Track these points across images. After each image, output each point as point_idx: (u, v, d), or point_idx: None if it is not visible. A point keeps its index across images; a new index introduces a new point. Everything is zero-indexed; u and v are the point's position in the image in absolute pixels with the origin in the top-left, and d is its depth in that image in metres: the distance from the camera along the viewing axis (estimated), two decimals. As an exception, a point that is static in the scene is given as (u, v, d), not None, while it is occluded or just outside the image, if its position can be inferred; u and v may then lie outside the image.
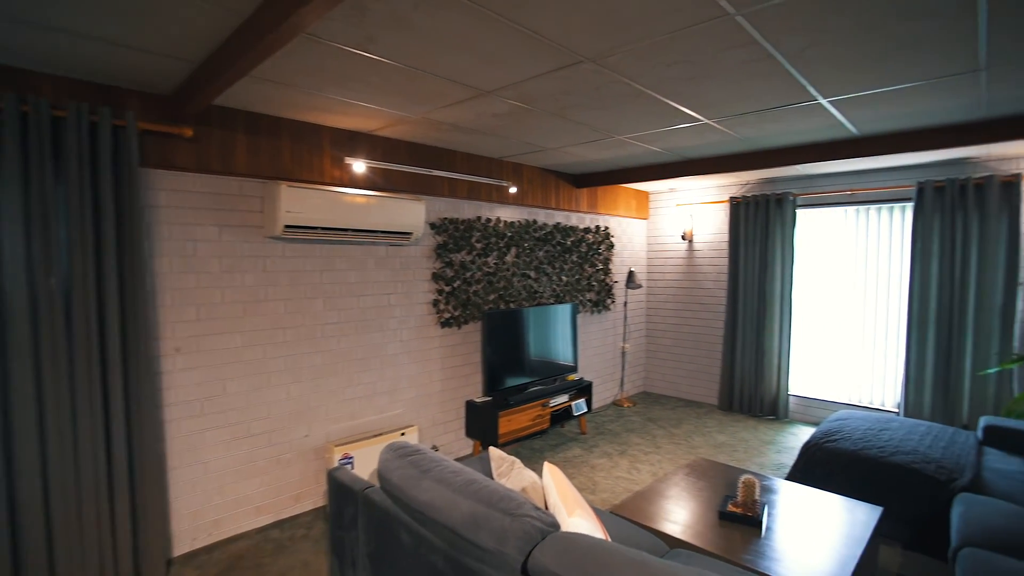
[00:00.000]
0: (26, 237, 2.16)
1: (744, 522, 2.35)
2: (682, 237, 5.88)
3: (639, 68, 2.22)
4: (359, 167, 3.31)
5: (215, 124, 2.74)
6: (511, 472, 1.98)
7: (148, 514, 2.51)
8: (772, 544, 2.18)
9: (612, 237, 5.66)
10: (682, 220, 5.93)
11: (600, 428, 4.94)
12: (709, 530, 2.29)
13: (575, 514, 1.62)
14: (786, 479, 3.26)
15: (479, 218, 4.23)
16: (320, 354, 3.32)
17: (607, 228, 5.58)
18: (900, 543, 2.84)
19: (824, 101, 2.67)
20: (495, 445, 3.89)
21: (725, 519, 2.38)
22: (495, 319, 4.07)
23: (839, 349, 4.99)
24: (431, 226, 3.90)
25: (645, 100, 2.65)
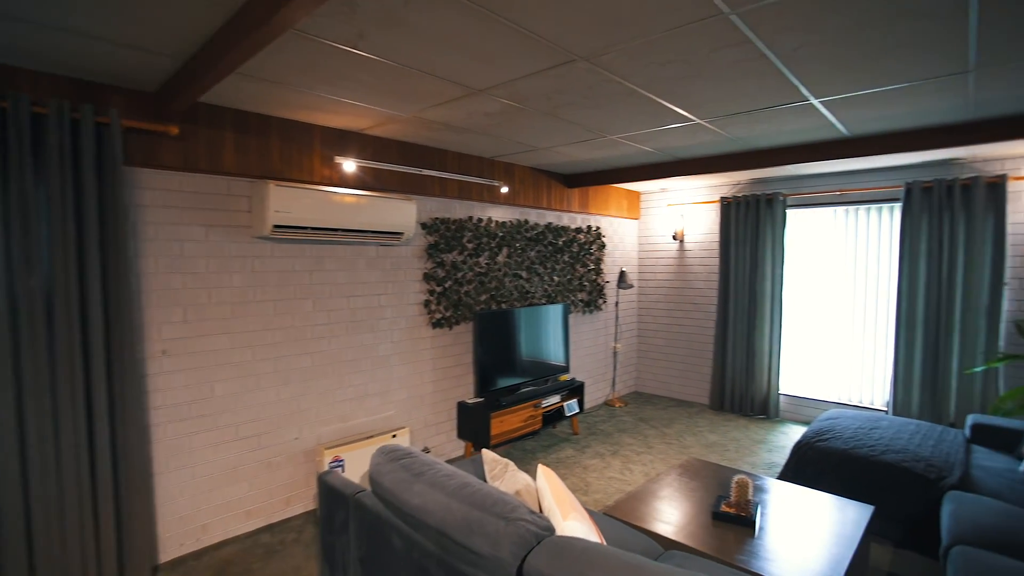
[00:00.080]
0: (5, 237, 2.10)
1: (737, 522, 2.34)
2: (673, 237, 5.90)
3: (632, 67, 2.20)
4: (349, 166, 3.27)
5: (202, 122, 2.69)
6: (504, 475, 1.96)
7: (133, 520, 2.46)
8: (766, 544, 2.18)
9: (603, 237, 5.66)
10: (673, 220, 5.94)
11: (592, 428, 4.93)
12: (703, 531, 2.28)
13: (570, 517, 1.60)
14: (778, 478, 3.27)
15: (470, 218, 4.20)
16: (310, 355, 3.28)
17: (598, 228, 5.57)
18: (891, 541, 2.85)
19: (815, 101, 2.68)
20: (487, 446, 3.86)
21: (718, 519, 2.38)
22: (486, 319, 4.04)
23: (829, 348, 5.03)
24: (422, 226, 3.86)
25: (638, 99, 2.65)
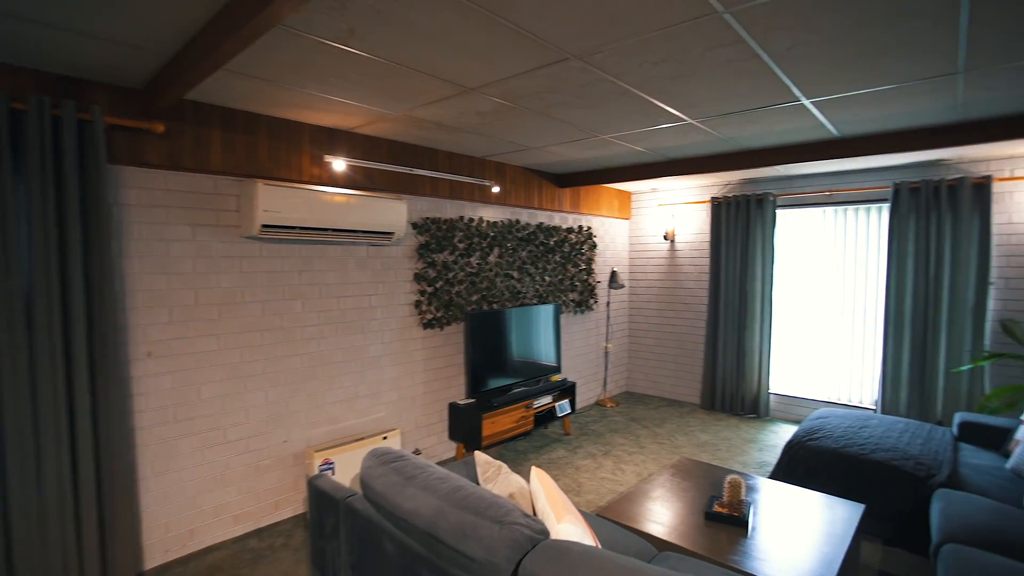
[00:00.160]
0: (-16, 237, 2.05)
1: (730, 522, 2.34)
2: (664, 237, 5.91)
3: (625, 66, 2.19)
4: (339, 165, 3.24)
5: (188, 120, 2.64)
6: (498, 477, 1.94)
7: (117, 527, 2.40)
8: (759, 544, 2.18)
9: (595, 237, 5.66)
10: (664, 220, 5.95)
11: (584, 429, 4.93)
12: (696, 531, 2.28)
13: (564, 520, 1.59)
14: (769, 477, 3.29)
15: (462, 218, 4.18)
16: (299, 357, 3.24)
17: (590, 228, 5.57)
18: (881, 539, 2.87)
19: (807, 102, 2.69)
20: (479, 448, 3.84)
21: (711, 519, 2.38)
22: (478, 320, 4.02)
23: (818, 348, 5.06)
24: (413, 226, 3.83)
25: (630, 99, 2.64)
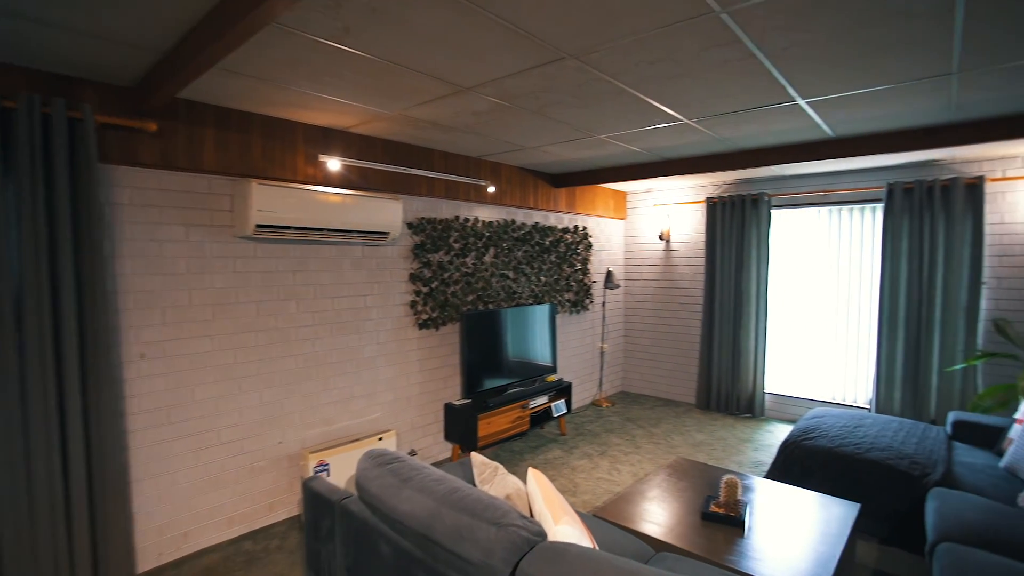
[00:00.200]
0: (-27, 237, 2.02)
1: (727, 522, 2.34)
2: (659, 237, 5.92)
3: (622, 65, 2.19)
4: (334, 165, 3.22)
5: (181, 118, 2.62)
6: (494, 478, 1.93)
7: (109, 529, 2.37)
8: (755, 544, 2.18)
9: (590, 237, 5.66)
10: (659, 220, 5.96)
11: (580, 429, 4.92)
12: (693, 531, 2.27)
13: (562, 521, 1.58)
14: (765, 477, 3.29)
15: (457, 218, 4.16)
16: (294, 358, 3.21)
17: (585, 228, 5.57)
18: (877, 538, 2.88)
19: (802, 102, 2.69)
20: (475, 448, 3.83)
21: (708, 519, 2.38)
22: (473, 320, 4.01)
23: (813, 347, 5.08)
24: (408, 226, 3.82)
25: (626, 99, 2.63)
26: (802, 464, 3.12)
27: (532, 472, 1.88)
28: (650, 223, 6.05)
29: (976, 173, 4.11)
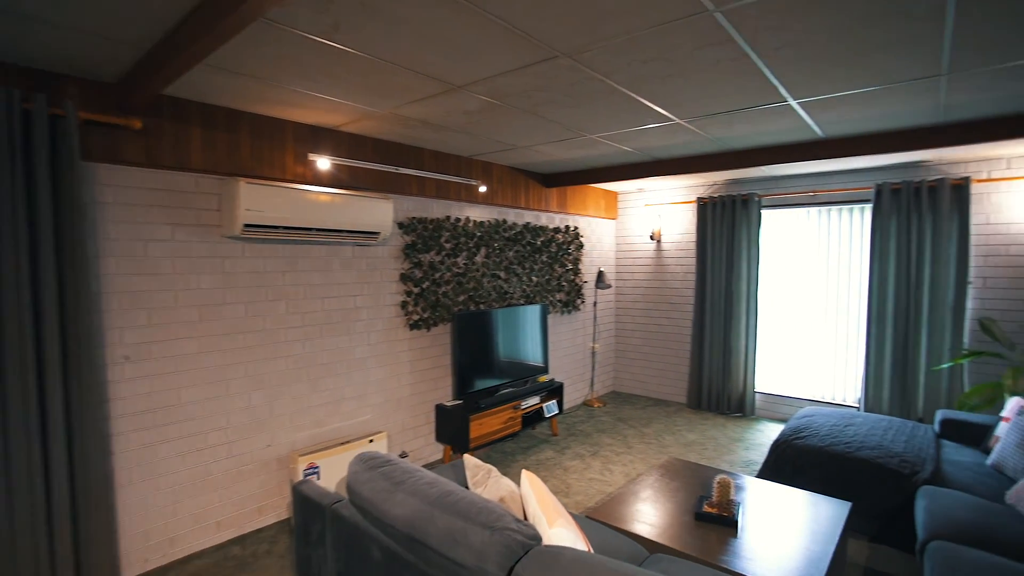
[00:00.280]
0: (-50, 236, 1.96)
1: (720, 522, 2.34)
2: (651, 237, 5.93)
3: (615, 64, 2.18)
4: (324, 164, 3.18)
5: (167, 116, 2.57)
6: (487, 481, 1.91)
7: (92, 536, 2.32)
8: (749, 544, 2.18)
9: (581, 237, 5.65)
10: (650, 220, 5.97)
11: (571, 429, 4.91)
12: (686, 532, 2.27)
13: (556, 524, 1.56)
14: (757, 476, 3.31)
15: (448, 218, 4.14)
16: (283, 359, 3.17)
17: (576, 228, 5.56)
18: (867, 536, 2.90)
19: (794, 102, 2.70)
20: (466, 450, 3.80)
21: (701, 520, 2.37)
22: (465, 321, 3.98)
23: (803, 346, 5.12)
24: (399, 226, 3.78)
25: (619, 98, 2.62)
26: (793, 463, 3.13)
27: (526, 474, 1.87)
28: (641, 223, 6.06)
29: (962, 174, 4.16)
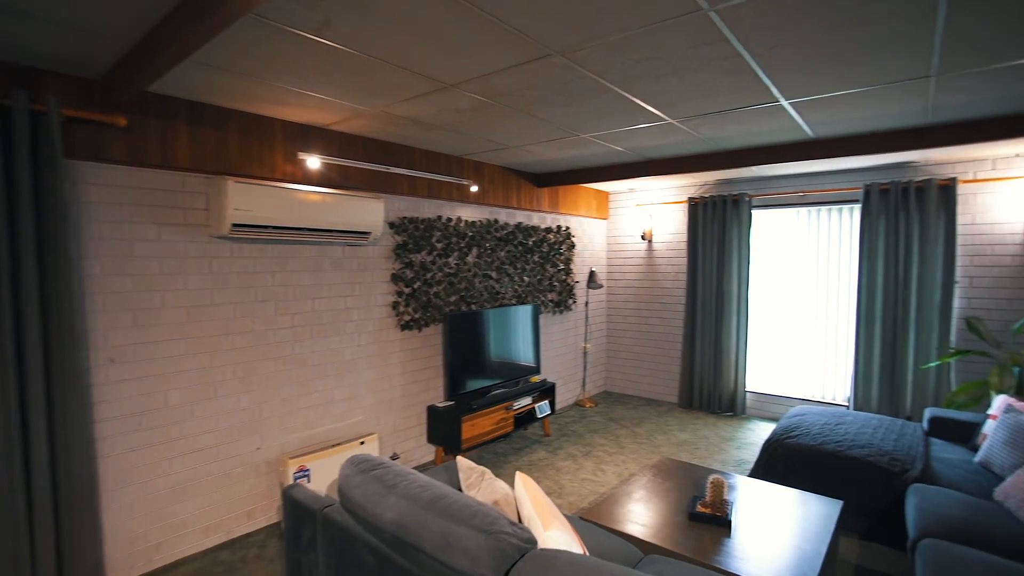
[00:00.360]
0: (-74, 236, 1.90)
1: (714, 522, 2.34)
2: (642, 237, 5.94)
3: (608, 63, 2.17)
4: (313, 163, 3.14)
5: (153, 113, 2.52)
6: (481, 483, 1.89)
7: (76, 543, 2.26)
8: (743, 544, 2.17)
9: (573, 237, 5.65)
10: (642, 220, 5.98)
11: (563, 430, 4.91)
12: (680, 533, 2.26)
13: (552, 527, 1.55)
14: (749, 475, 3.31)
15: (440, 217, 4.11)
16: (272, 361, 3.12)
17: (568, 228, 5.56)
18: (857, 534, 2.92)
19: (785, 103, 2.71)
20: (458, 451, 3.78)
21: (695, 520, 2.37)
22: (456, 321, 3.96)
23: (793, 346, 5.15)
24: (390, 225, 3.75)
25: (611, 97, 2.62)
26: (785, 462, 3.15)
27: (520, 476, 1.85)
28: (632, 223, 6.07)
29: (949, 175, 4.21)
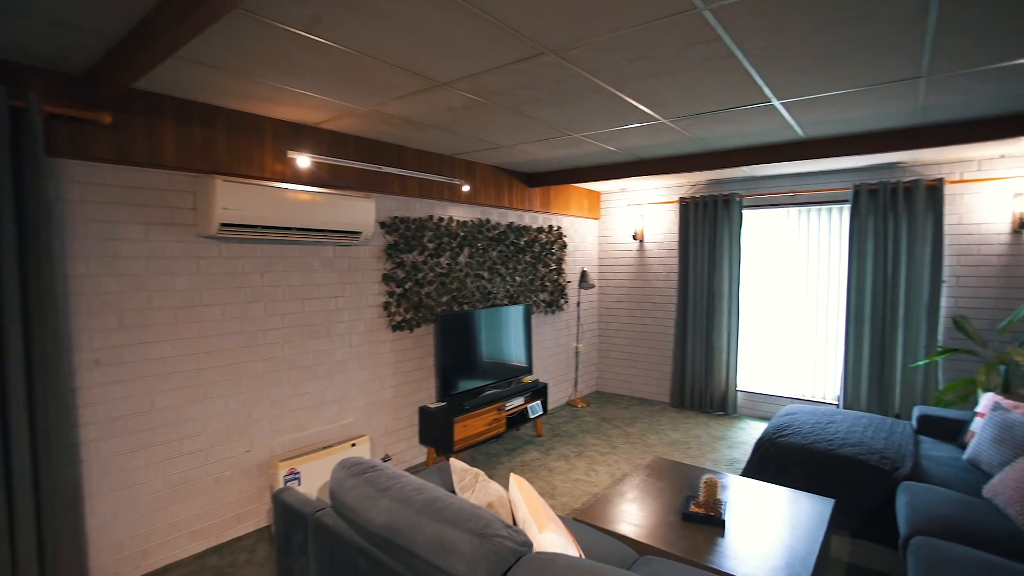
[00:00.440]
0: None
1: (707, 522, 2.34)
2: (633, 237, 5.95)
3: (601, 62, 2.16)
4: (304, 162, 3.10)
5: (139, 110, 2.47)
6: (475, 485, 1.87)
7: (59, 550, 2.21)
8: (736, 543, 2.17)
9: (565, 237, 5.64)
10: (633, 220, 5.99)
11: (556, 430, 4.90)
12: (674, 533, 2.26)
13: (547, 529, 1.53)
14: (741, 475, 3.33)
15: (431, 217, 4.08)
16: (262, 362, 3.08)
17: (560, 228, 5.55)
18: (849, 532, 2.94)
19: (777, 103, 2.72)
20: (451, 452, 3.76)
21: (688, 520, 2.37)
22: (448, 321, 3.94)
23: (783, 345, 5.18)
24: (381, 225, 3.72)
25: (604, 97, 2.61)
26: (777, 461, 3.16)
27: (514, 478, 1.83)
28: (624, 223, 6.08)
29: (936, 176, 4.26)
